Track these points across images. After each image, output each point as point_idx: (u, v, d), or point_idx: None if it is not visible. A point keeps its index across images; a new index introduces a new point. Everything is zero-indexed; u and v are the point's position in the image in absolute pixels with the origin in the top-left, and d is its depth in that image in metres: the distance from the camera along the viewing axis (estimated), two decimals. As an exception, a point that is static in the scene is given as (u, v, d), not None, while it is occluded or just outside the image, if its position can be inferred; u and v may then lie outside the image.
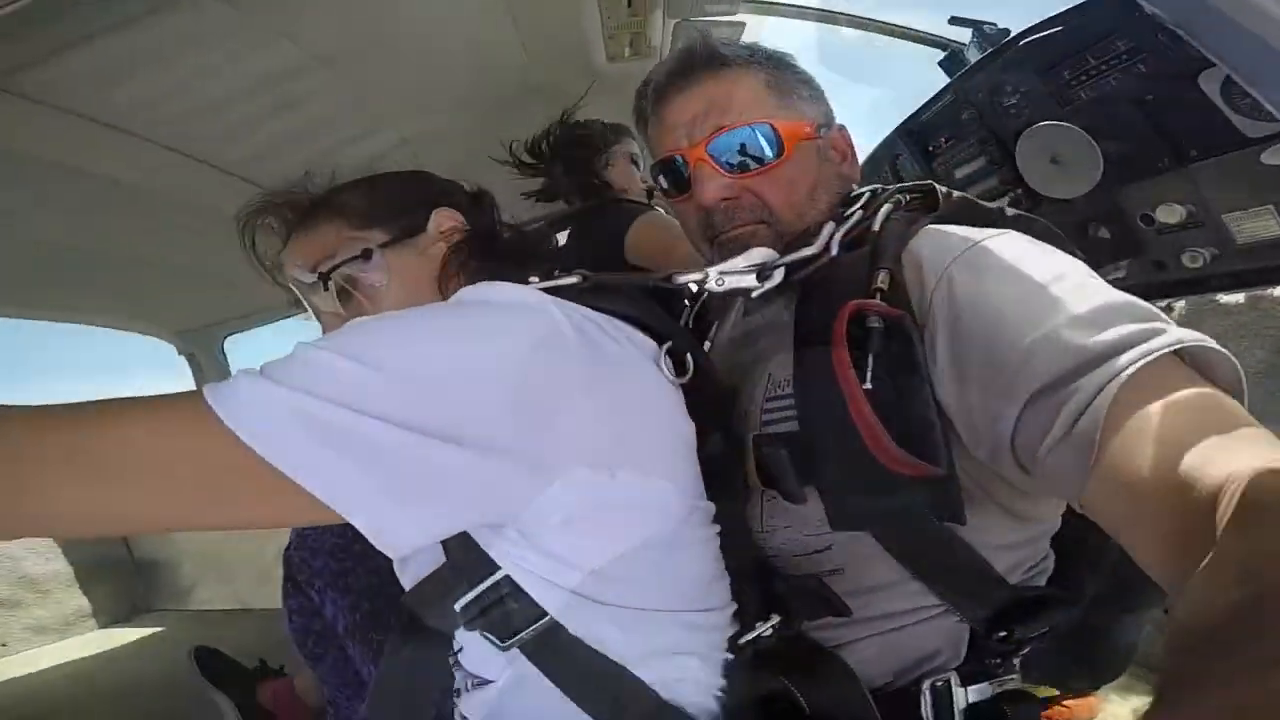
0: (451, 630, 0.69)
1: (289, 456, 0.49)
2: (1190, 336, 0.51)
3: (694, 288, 0.73)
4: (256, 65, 1.25)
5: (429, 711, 0.74)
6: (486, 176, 0.98)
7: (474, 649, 0.68)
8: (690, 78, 0.80)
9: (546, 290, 0.66)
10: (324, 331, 0.82)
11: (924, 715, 0.71)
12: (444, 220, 0.84)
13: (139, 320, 2.06)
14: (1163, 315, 0.55)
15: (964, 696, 0.72)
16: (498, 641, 0.63)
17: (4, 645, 1.77)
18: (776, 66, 0.82)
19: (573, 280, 0.71)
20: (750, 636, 0.70)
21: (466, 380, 0.55)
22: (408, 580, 0.70)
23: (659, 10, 1.31)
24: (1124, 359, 0.50)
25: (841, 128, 0.85)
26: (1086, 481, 0.50)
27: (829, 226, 0.74)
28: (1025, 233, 0.70)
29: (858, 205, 0.76)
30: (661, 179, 0.84)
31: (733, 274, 0.73)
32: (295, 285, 0.84)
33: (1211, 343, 0.51)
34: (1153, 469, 0.47)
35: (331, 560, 1.09)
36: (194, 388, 0.55)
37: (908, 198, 0.77)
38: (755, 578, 0.73)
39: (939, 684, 0.71)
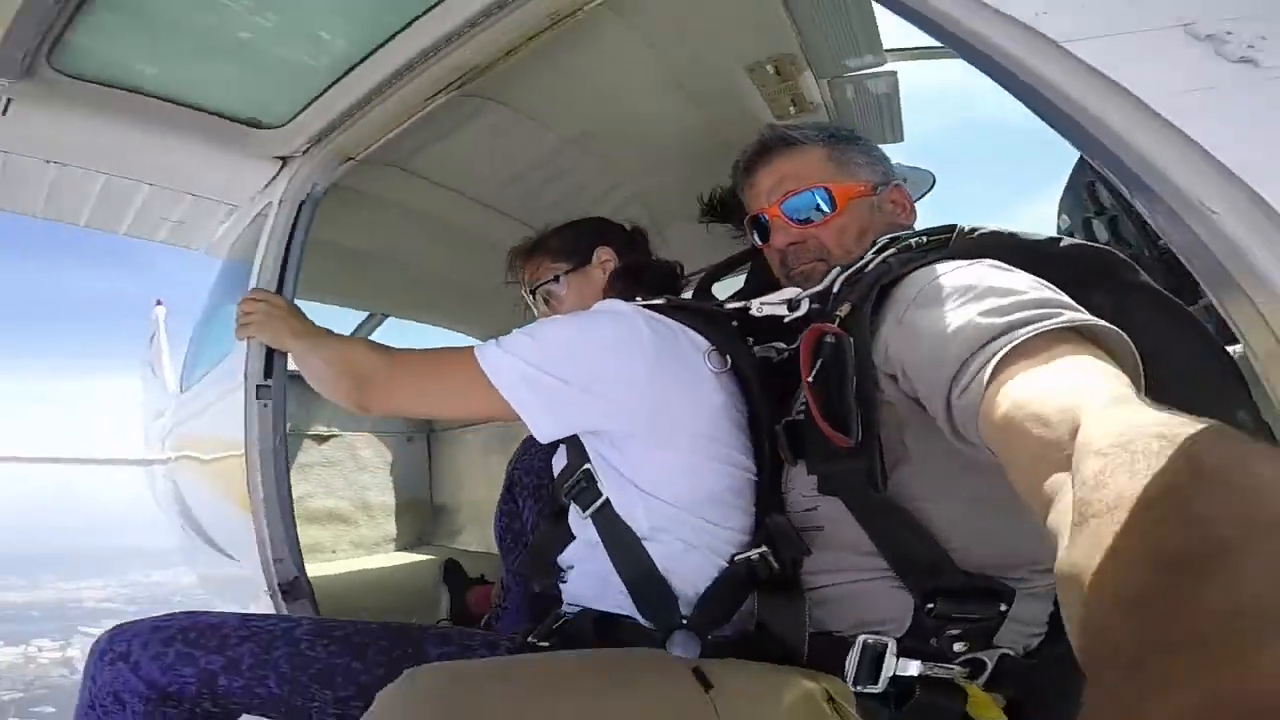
0: (566, 504, 1.10)
1: (500, 381, 1.02)
2: (1081, 319, 0.65)
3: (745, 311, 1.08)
4: (534, 150, 1.91)
5: (551, 559, 1.14)
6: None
7: (574, 516, 1.10)
8: (767, 156, 1.13)
9: (646, 306, 1.10)
10: None
11: (848, 662, 0.83)
12: (602, 255, 1.36)
13: (464, 325, 2.90)
14: (1078, 308, 0.68)
15: (893, 664, 0.81)
16: (581, 511, 1.05)
17: (334, 552, 2.58)
18: (837, 142, 1.11)
19: (661, 301, 1.12)
20: (743, 555, 0.98)
21: (577, 350, 1.04)
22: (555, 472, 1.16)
23: (806, 73, 1.62)
24: (1020, 332, 0.64)
25: (898, 186, 1.11)
26: (978, 421, 0.64)
27: (835, 270, 0.98)
28: (1040, 260, 0.83)
29: (872, 250, 0.96)
30: (753, 231, 1.17)
31: (769, 305, 1.04)
32: (526, 297, 1.44)
33: (1100, 322, 0.64)
34: (1015, 407, 0.59)
35: (534, 477, 1.56)
36: None
37: (925, 240, 0.94)
38: (769, 521, 0.98)
39: (870, 640, 0.83)
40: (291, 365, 1.48)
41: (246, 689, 0.97)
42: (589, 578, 1.06)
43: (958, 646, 0.79)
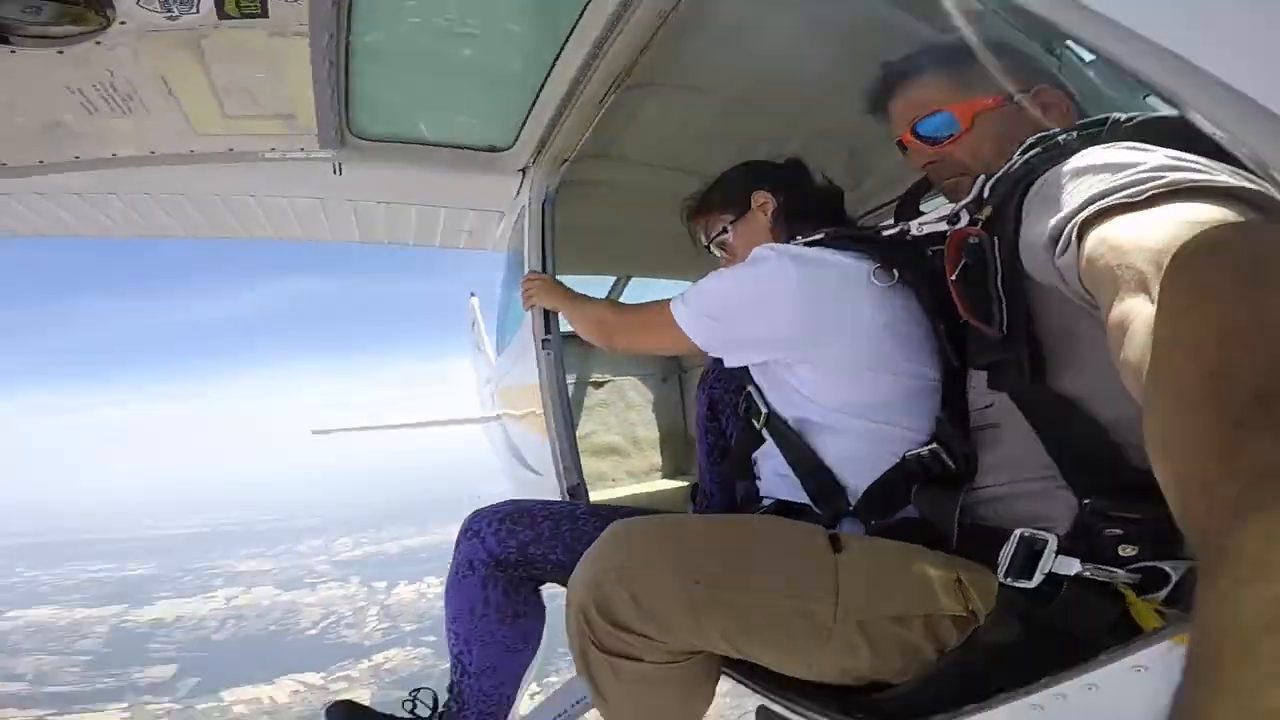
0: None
1: (686, 327, 1.26)
2: (1197, 179, 0.60)
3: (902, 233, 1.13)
4: (706, 115, 2.00)
5: (746, 458, 1.38)
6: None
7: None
8: (890, 91, 1.16)
9: (808, 244, 1.22)
10: None
11: (1002, 555, 0.82)
12: (758, 199, 1.45)
13: (695, 275, 3.08)
14: (1211, 172, 0.61)
15: (1051, 560, 0.77)
16: (754, 422, 1.29)
17: (613, 481, 3.03)
18: (957, 62, 1.09)
19: (820, 236, 1.23)
20: (913, 452, 1.07)
21: (731, 297, 1.24)
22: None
23: None
24: (1121, 194, 0.63)
25: (1045, 89, 1.04)
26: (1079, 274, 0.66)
27: (980, 179, 0.95)
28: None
29: (1019, 151, 0.92)
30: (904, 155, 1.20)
31: (928, 224, 1.07)
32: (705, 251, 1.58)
33: (1226, 181, 0.59)
34: (1110, 250, 0.61)
35: (734, 395, 1.67)
36: None
37: (1076, 135, 0.87)
38: (941, 419, 1.05)
39: (1028, 534, 0.81)
40: (564, 326, 1.92)
41: (544, 556, 1.32)
42: (774, 475, 1.28)
43: (1125, 551, 0.74)
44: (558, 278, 1.97)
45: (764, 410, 1.26)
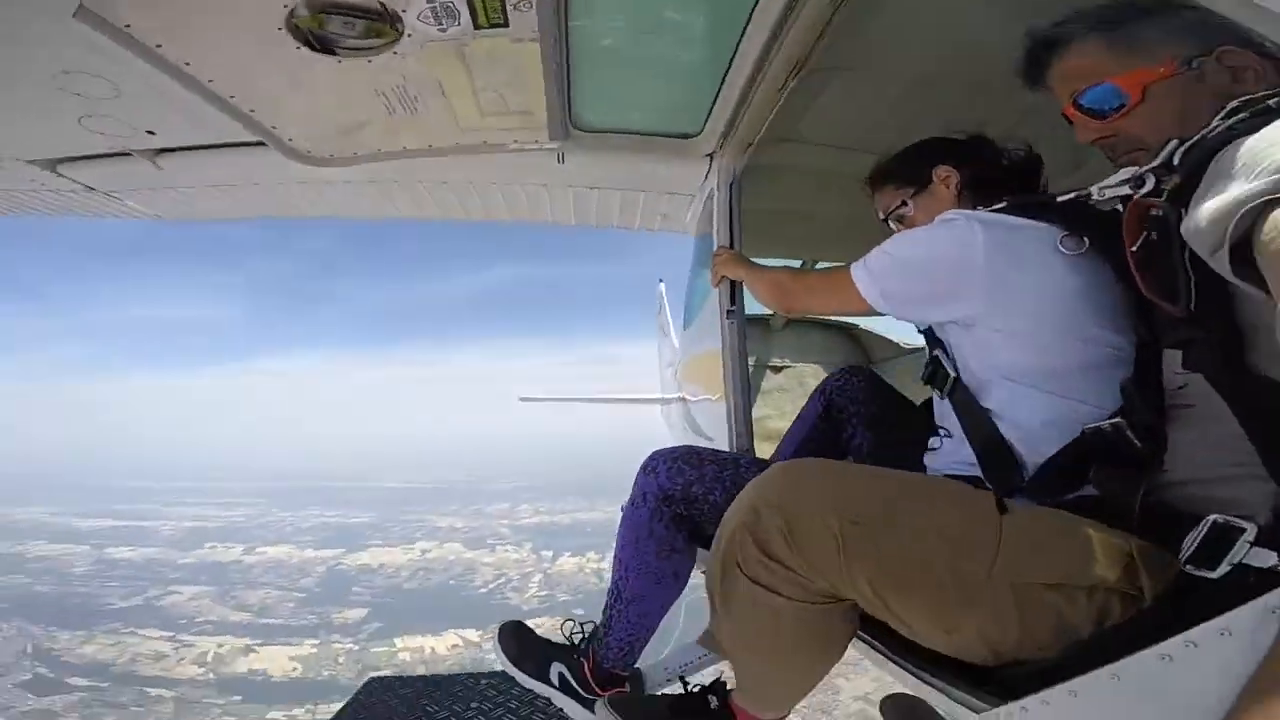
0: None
1: (867, 293, 1.32)
2: None
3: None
4: (890, 97, 2.02)
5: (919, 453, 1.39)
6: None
7: (935, 399, 1.36)
8: (1042, 62, 1.08)
9: (993, 211, 1.20)
10: None
11: (1187, 540, 0.79)
12: (941, 173, 1.46)
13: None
14: None
15: (1244, 550, 0.74)
16: (939, 393, 1.29)
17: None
18: (1117, 25, 1.00)
19: (1003, 204, 1.22)
20: (1094, 425, 1.02)
21: (919, 257, 1.27)
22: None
23: None
24: None
25: (1229, 51, 0.90)
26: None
27: (1172, 144, 0.88)
28: None
29: (1220, 116, 0.84)
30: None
31: (1110, 188, 0.98)
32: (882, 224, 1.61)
33: None
34: None
35: (861, 405, 1.74)
36: None
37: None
38: (1127, 392, 1.00)
39: (1220, 521, 0.77)
40: (749, 310, 2.12)
41: (703, 496, 1.44)
42: (947, 449, 1.29)
43: None
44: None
45: (951, 375, 1.24)
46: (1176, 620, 0.73)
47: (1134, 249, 0.85)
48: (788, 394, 3.14)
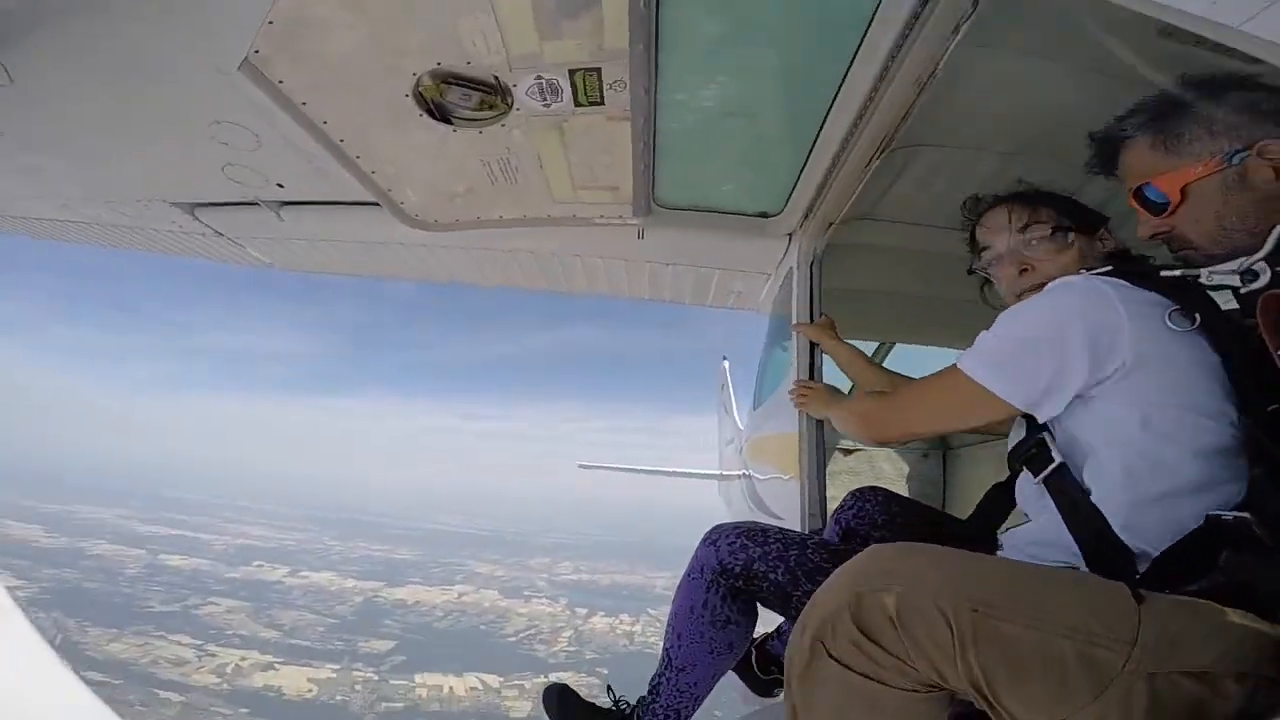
0: (1017, 471, 1.27)
1: (979, 376, 1.16)
2: None
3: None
4: (980, 172, 2.02)
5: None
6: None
7: (1023, 483, 1.25)
8: (1108, 158, 1.15)
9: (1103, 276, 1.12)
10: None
11: None
12: (1105, 235, 1.44)
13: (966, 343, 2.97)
14: None
15: None
16: (1033, 476, 1.17)
17: None
18: (1164, 123, 1.04)
19: (1108, 269, 1.15)
20: (1216, 513, 0.96)
21: (1050, 322, 1.11)
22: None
23: None
24: None
25: (1272, 144, 0.92)
26: None
27: (1277, 231, 0.89)
28: None
29: None
30: None
31: (1220, 274, 0.98)
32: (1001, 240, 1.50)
33: None
34: None
35: (871, 529, 1.68)
36: None
37: None
38: (1255, 479, 0.95)
39: None
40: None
41: (764, 574, 1.39)
42: (1029, 536, 1.20)
43: None
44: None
45: (1057, 459, 1.13)
46: None
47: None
48: (858, 477, 3.04)
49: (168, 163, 2.15)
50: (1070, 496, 1.10)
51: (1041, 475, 1.15)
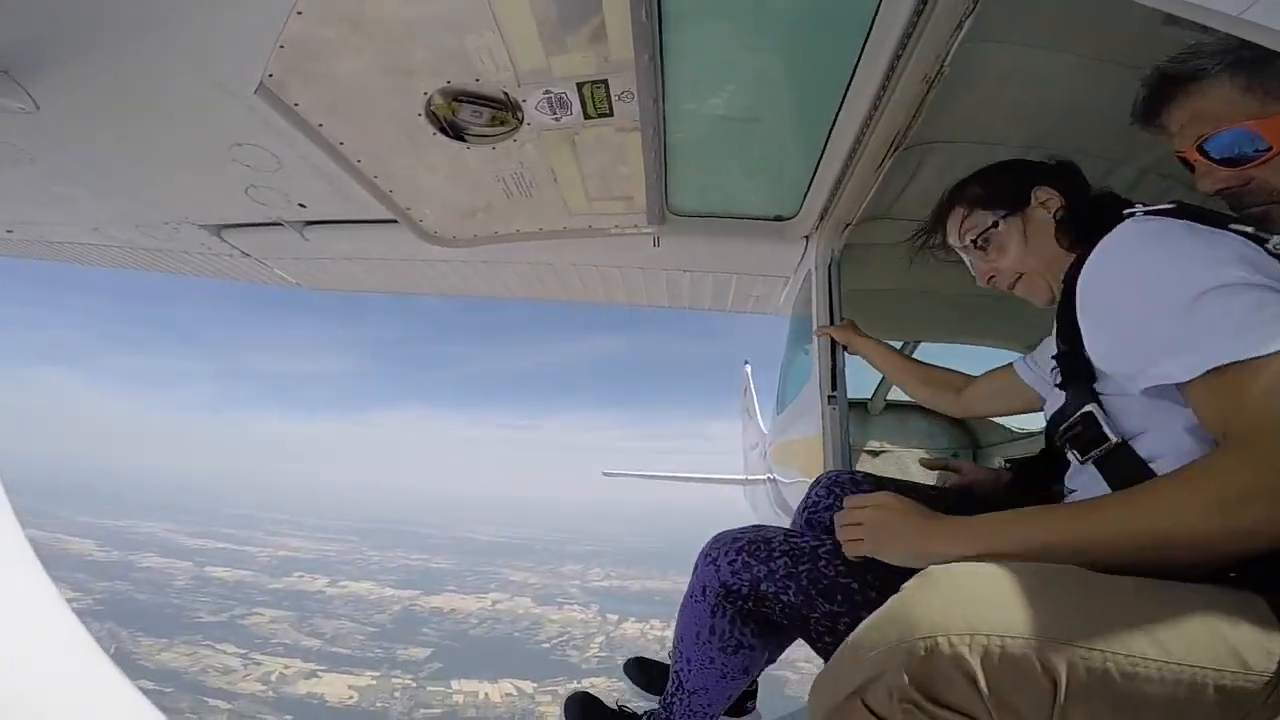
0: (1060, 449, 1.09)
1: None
2: None
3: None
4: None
5: None
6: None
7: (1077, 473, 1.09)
8: (1165, 97, 0.99)
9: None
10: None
11: None
12: (1040, 195, 1.31)
13: (990, 339, 2.96)
14: None
15: None
16: (1079, 455, 1.01)
17: None
18: (1253, 65, 0.90)
19: (1173, 205, 0.96)
20: None
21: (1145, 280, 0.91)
22: None
23: None
24: None
25: None
26: None
27: None
28: None
29: None
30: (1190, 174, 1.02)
31: None
32: (957, 249, 1.45)
33: None
34: None
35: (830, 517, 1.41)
36: None
37: None
38: None
39: None
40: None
41: (775, 596, 1.22)
42: None
43: None
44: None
45: (1113, 438, 0.96)
46: None
47: None
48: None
49: (193, 186, 2.21)
50: (1133, 478, 0.92)
51: (1091, 455, 0.99)
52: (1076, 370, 1.04)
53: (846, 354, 2.20)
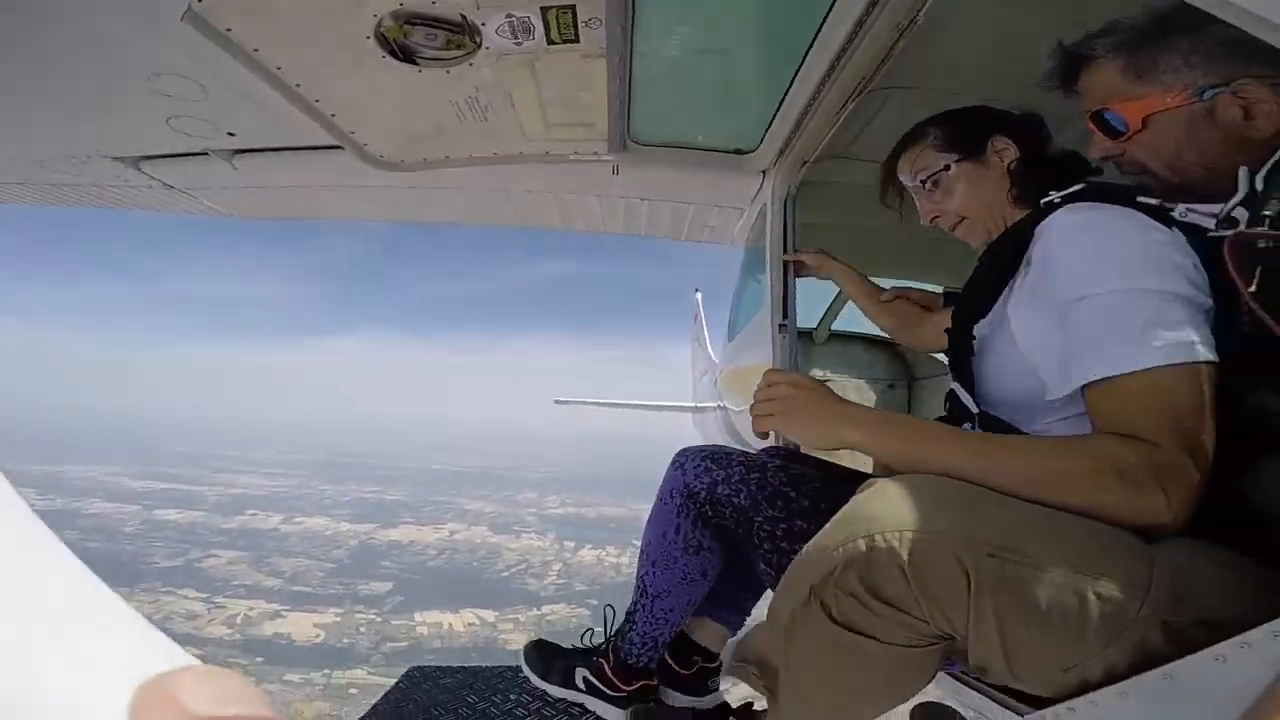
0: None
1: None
2: None
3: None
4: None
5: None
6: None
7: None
8: (1068, 74, 1.09)
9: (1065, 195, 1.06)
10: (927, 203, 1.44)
11: None
12: (997, 144, 1.33)
13: (931, 276, 3.09)
14: None
15: None
16: (973, 424, 1.14)
17: None
18: (1137, 52, 0.98)
19: (1082, 187, 1.07)
20: None
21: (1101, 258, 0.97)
22: None
23: None
24: None
25: (1250, 85, 0.87)
26: None
27: (1243, 171, 0.85)
28: None
29: None
30: None
31: (1196, 212, 0.93)
32: (908, 187, 1.47)
33: None
34: None
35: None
36: None
37: None
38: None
39: None
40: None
41: (727, 498, 1.35)
42: None
43: None
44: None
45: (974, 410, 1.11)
46: None
47: (1253, 289, 0.77)
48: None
49: (106, 118, 2.03)
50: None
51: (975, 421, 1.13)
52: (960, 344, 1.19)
53: (799, 280, 2.26)
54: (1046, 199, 1.10)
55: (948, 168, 1.36)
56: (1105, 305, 0.90)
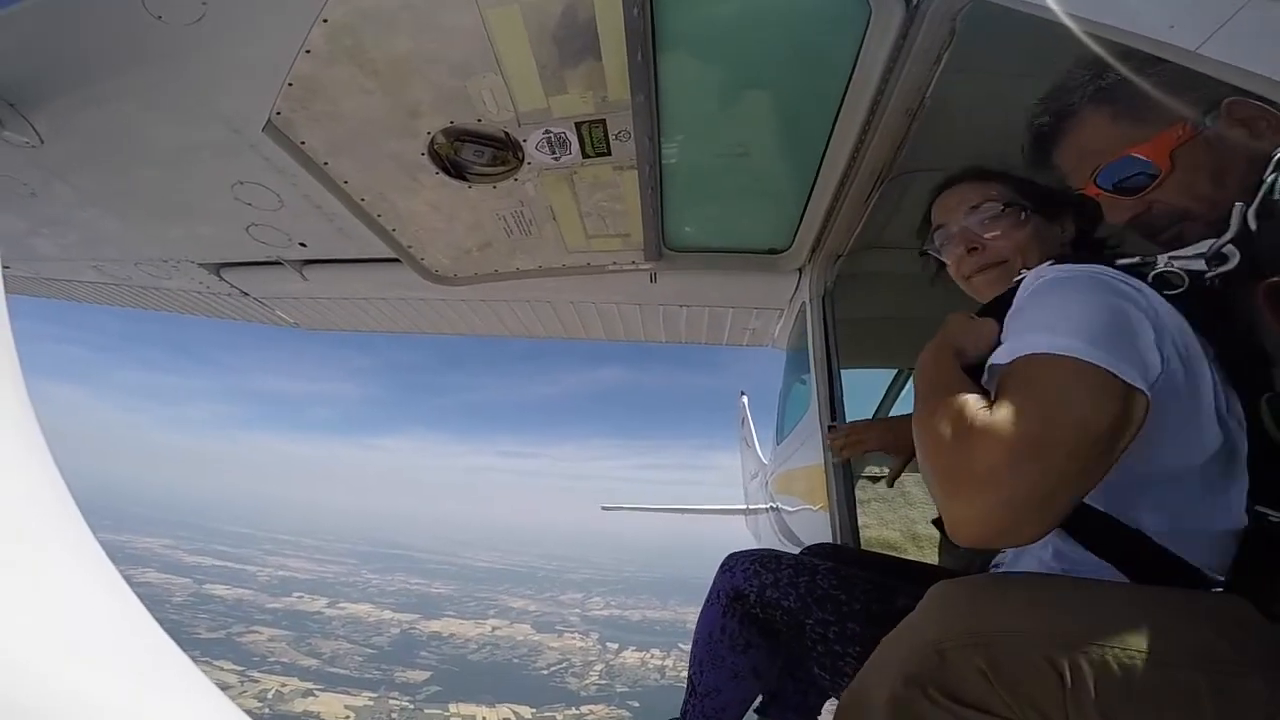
0: None
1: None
2: None
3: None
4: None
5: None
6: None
7: None
8: (1049, 140, 1.05)
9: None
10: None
11: None
12: (1067, 222, 1.29)
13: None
14: None
15: None
16: None
17: None
18: (1119, 96, 0.93)
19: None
20: (1262, 510, 0.85)
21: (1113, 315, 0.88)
22: None
23: None
24: None
25: (1236, 102, 0.83)
26: None
27: (1238, 206, 0.80)
28: None
29: (1270, 168, 0.77)
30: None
31: (1181, 259, 0.87)
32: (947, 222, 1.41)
33: None
34: None
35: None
36: None
37: None
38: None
39: None
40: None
41: (777, 601, 1.36)
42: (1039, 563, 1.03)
43: None
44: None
45: None
46: None
47: None
48: (886, 503, 2.99)
49: (194, 223, 2.24)
50: (1084, 517, 0.94)
51: None
52: None
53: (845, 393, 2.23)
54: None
55: (1022, 210, 1.28)
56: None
